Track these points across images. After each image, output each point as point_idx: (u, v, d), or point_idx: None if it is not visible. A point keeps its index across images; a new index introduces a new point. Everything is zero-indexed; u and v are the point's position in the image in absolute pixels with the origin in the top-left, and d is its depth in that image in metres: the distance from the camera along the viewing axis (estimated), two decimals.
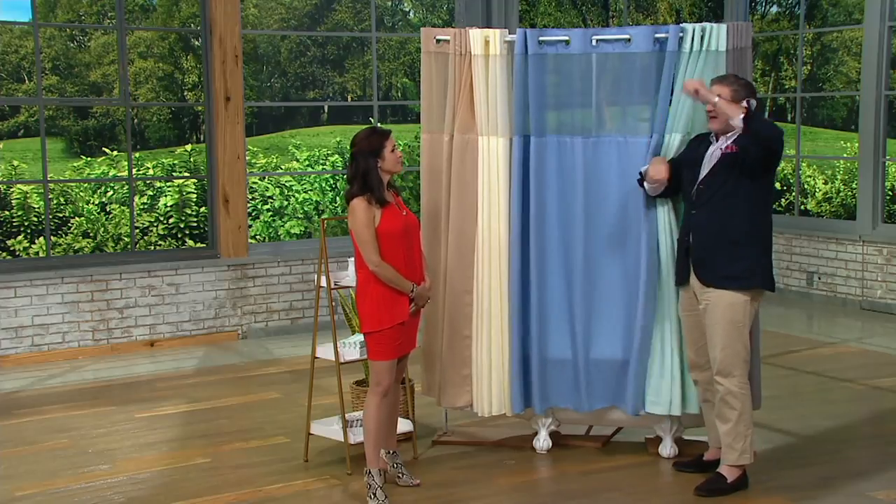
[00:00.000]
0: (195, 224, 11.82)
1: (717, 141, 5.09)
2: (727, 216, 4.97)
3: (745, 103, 4.89)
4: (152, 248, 11.55)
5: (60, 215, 11.65)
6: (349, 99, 14.08)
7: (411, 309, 5.00)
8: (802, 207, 12.32)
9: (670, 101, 5.41)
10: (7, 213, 11.50)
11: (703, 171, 5.06)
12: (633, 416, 5.55)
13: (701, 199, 5.04)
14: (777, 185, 12.85)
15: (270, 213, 12.35)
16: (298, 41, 13.82)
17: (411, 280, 4.98)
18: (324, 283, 5.47)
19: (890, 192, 11.79)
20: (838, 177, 13.08)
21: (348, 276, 5.50)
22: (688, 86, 5.00)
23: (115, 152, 12.47)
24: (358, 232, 4.88)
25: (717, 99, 4.89)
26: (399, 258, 4.94)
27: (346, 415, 5.60)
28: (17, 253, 11.25)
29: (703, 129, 5.27)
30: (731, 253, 4.98)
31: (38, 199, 11.44)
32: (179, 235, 11.82)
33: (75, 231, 11.60)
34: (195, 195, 11.85)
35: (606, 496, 5.13)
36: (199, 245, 11.22)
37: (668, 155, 5.36)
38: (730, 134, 5.02)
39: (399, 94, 14.05)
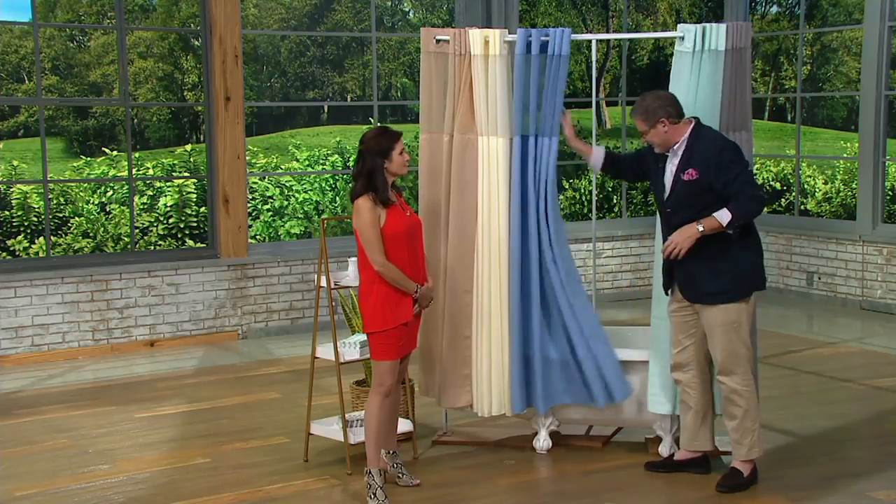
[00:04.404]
0: (195, 224, 11.81)
1: (669, 153, 5.08)
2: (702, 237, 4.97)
3: (726, 214, 4.85)
4: (152, 248, 11.54)
5: (60, 215, 11.64)
6: (349, 99, 14.07)
7: (415, 310, 5.00)
8: (802, 207, 12.31)
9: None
10: (7, 213, 11.49)
11: (666, 191, 5.07)
12: (605, 407, 5.58)
13: (672, 222, 5.05)
14: (777, 185, 12.85)
15: (270, 213, 12.34)
16: (298, 41, 13.81)
17: (415, 281, 4.98)
18: (324, 283, 5.47)
19: (890, 192, 11.78)
20: (838, 177, 13.07)
21: (348, 276, 5.51)
22: (671, 252, 4.99)
23: (114, 152, 12.46)
24: (363, 231, 4.88)
25: (701, 228, 4.89)
26: (403, 259, 4.94)
27: (346, 415, 5.60)
28: (17, 253, 11.25)
29: (709, 121, 5.28)
30: (713, 269, 4.98)
31: (38, 199, 11.43)
32: (179, 235, 11.82)
33: (75, 231, 11.59)
34: (195, 195, 11.84)
35: (606, 496, 5.13)
36: (199, 245, 11.22)
37: None
38: (676, 148, 5.02)
39: (399, 94, 14.04)
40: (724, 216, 4.87)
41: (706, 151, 4.95)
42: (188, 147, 12.84)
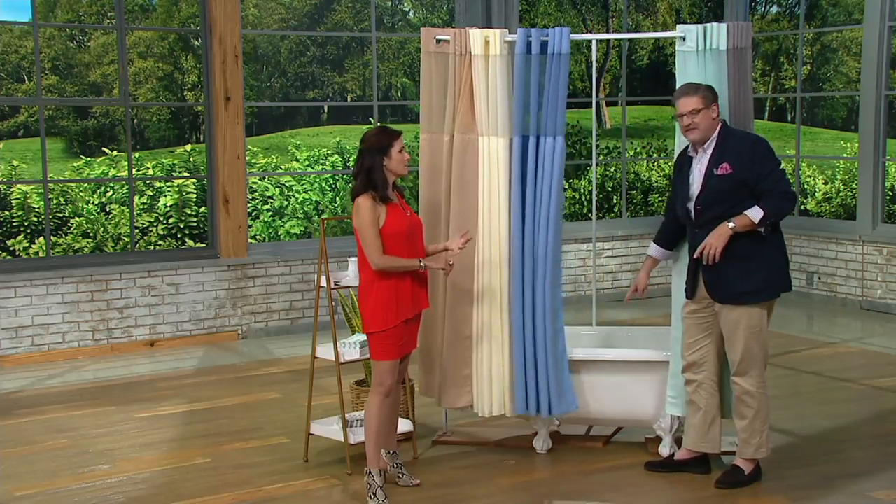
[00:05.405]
0: (195, 224, 11.81)
1: (696, 154, 5.09)
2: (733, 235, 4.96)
3: (758, 211, 4.87)
4: (152, 248, 11.54)
5: (60, 215, 11.64)
6: (349, 99, 14.07)
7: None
8: (802, 207, 12.32)
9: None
10: (7, 213, 11.49)
11: (694, 189, 5.06)
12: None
13: (702, 219, 5.03)
14: None
15: (270, 213, 12.34)
16: (298, 41, 13.81)
17: (415, 281, 4.98)
18: (324, 283, 5.47)
19: (890, 192, 11.78)
20: (838, 177, 13.07)
21: (348, 276, 5.51)
22: (707, 253, 4.96)
23: (114, 152, 12.46)
24: (362, 230, 4.88)
25: (732, 225, 4.90)
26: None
27: (346, 415, 5.60)
28: (17, 253, 11.25)
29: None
30: (744, 269, 4.97)
31: (38, 199, 11.43)
32: (179, 235, 11.82)
33: (75, 231, 11.59)
34: (195, 195, 11.84)
35: (606, 496, 5.13)
36: (199, 245, 11.22)
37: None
38: (706, 146, 5.02)
39: (399, 94, 14.04)
40: (755, 213, 4.88)
41: (740, 145, 4.99)
42: (188, 147, 12.83)
